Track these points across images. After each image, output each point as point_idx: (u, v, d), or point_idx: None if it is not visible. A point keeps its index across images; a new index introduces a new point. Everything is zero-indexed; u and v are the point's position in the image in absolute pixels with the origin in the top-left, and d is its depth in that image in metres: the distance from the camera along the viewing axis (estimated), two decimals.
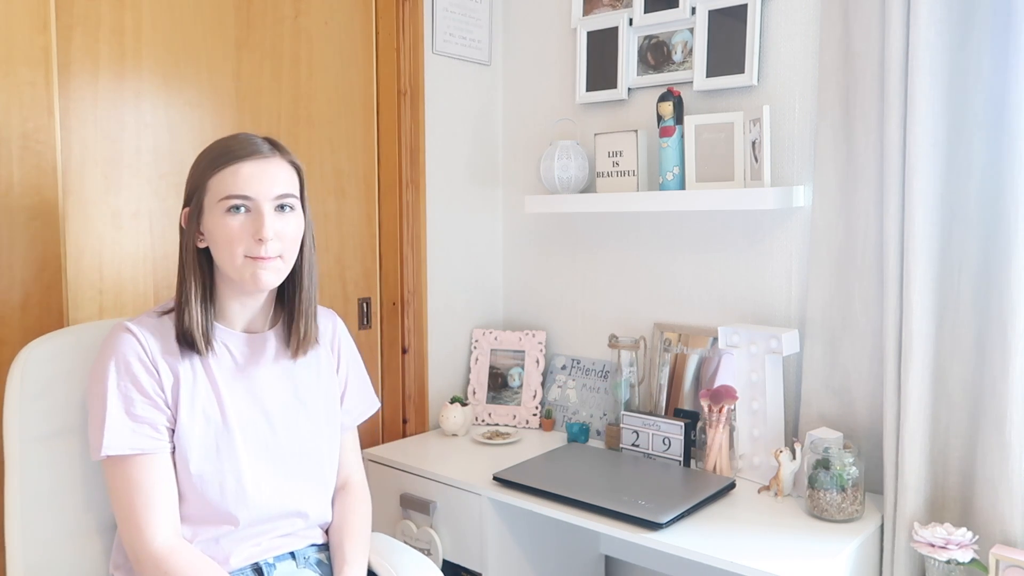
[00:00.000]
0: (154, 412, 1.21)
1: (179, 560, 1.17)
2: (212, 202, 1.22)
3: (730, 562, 1.34)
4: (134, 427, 1.19)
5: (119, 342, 1.22)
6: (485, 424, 2.15)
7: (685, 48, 1.90)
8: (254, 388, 1.30)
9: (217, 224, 1.21)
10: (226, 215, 1.21)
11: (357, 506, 1.42)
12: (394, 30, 2.04)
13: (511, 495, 1.64)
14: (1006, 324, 1.37)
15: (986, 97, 1.43)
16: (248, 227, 1.21)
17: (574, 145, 2.01)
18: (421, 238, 2.09)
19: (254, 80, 1.82)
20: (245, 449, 1.27)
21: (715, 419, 1.71)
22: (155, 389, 1.21)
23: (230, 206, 1.20)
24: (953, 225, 1.47)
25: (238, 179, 1.21)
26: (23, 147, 1.49)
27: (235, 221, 1.21)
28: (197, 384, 1.25)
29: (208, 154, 1.25)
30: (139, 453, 1.19)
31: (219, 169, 1.21)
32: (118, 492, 1.20)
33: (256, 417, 1.29)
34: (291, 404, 1.34)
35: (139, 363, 1.21)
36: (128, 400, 1.19)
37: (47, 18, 1.50)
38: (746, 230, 1.86)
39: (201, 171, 1.24)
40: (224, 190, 1.20)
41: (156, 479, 1.20)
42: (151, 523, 1.18)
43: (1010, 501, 1.38)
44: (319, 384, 1.39)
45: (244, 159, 1.22)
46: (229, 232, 1.21)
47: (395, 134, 2.06)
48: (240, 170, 1.21)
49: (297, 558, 1.35)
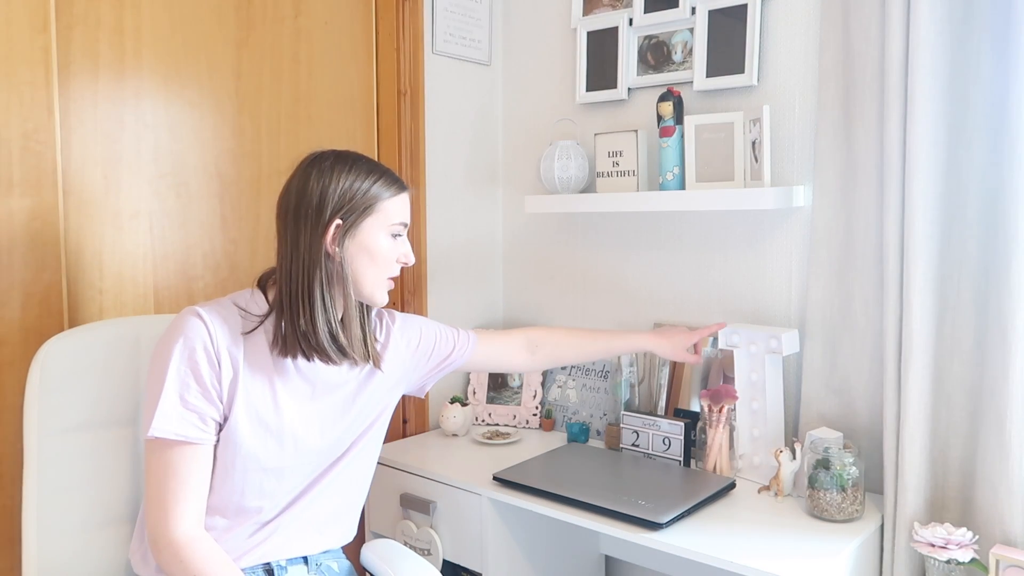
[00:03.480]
0: (205, 403, 1.21)
1: (197, 551, 1.18)
2: (382, 223, 1.28)
3: (730, 562, 1.34)
4: (183, 413, 1.19)
5: (188, 326, 1.22)
6: (485, 424, 2.15)
7: (685, 48, 1.90)
8: (315, 398, 1.31)
9: (381, 245, 1.29)
10: (391, 238, 1.30)
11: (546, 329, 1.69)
12: (394, 30, 2.04)
13: (511, 495, 1.64)
14: (1006, 324, 1.37)
15: (986, 97, 1.43)
16: (395, 251, 1.31)
17: (574, 145, 2.01)
18: (421, 238, 2.09)
19: (254, 80, 1.82)
20: (293, 457, 1.28)
21: (715, 419, 1.71)
22: (212, 381, 1.22)
23: (397, 232, 1.31)
24: (953, 225, 1.47)
25: (405, 208, 1.32)
26: (23, 147, 1.49)
27: (394, 245, 1.31)
28: (256, 384, 1.25)
29: (371, 175, 1.28)
30: (184, 440, 1.19)
31: (395, 195, 1.30)
32: (154, 474, 1.20)
33: (308, 425, 1.30)
34: (347, 415, 1.35)
35: (203, 351, 1.21)
36: (184, 385, 1.20)
37: (47, 18, 1.50)
38: (746, 230, 1.86)
39: (370, 191, 1.27)
40: (398, 216, 1.30)
41: (192, 469, 1.20)
42: (177, 510, 1.19)
43: (1010, 501, 1.38)
44: (377, 397, 1.41)
45: (407, 190, 1.34)
46: (390, 254, 1.30)
47: (395, 134, 2.06)
48: (406, 200, 1.33)
49: (310, 563, 1.35)
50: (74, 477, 1.32)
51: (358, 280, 1.28)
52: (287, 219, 1.26)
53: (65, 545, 1.31)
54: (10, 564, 1.47)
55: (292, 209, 1.26)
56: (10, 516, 1.47)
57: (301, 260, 1.25)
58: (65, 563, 1.31)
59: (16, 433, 1.47)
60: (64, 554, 1.31)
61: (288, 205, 1.26)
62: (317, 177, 1.25)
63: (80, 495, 1.33)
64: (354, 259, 1.27)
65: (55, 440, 1.30)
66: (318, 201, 1.24)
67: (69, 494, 1.32)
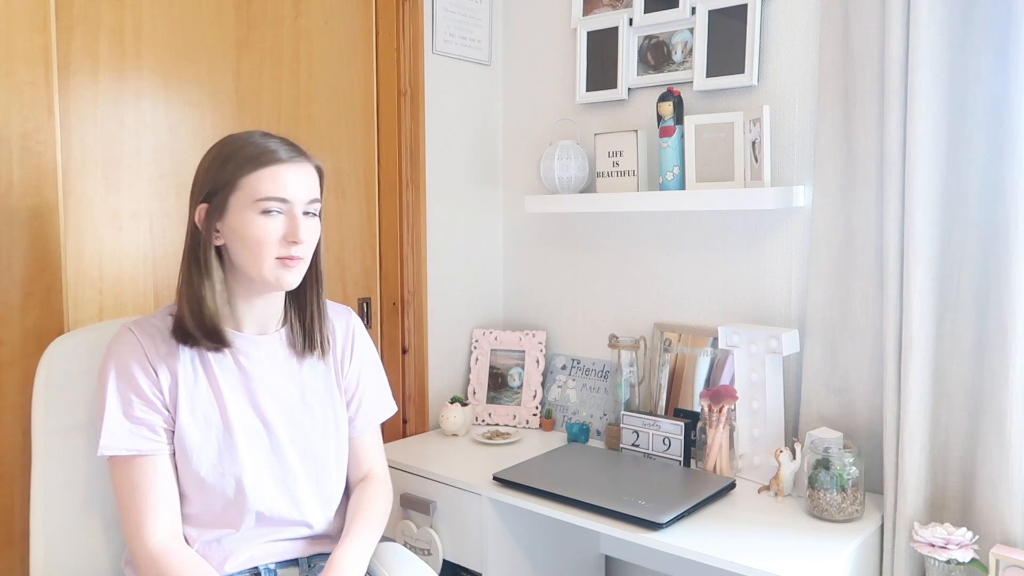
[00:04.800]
0: (152, 414, 1.21)
1: (172, 561, 1.17)
2: (245, 202, 1.20)
3: (730, 562, 1.34)
4: (132, 428, 1.20)
5: (119, 343, 1.23)
6: (485, 424, 2.15)
7: (685, 48, 1.90)
8: (258, 391, 1.30)
9: (249, 224, 1.20)
10: (260, 216, 1.20)
11: (374, 492, 1.40)
12: (394, 30, 2.04)
13: (511, 495, 1.64)
14: (1006, 324, 1.37)
15: (986, 97, 1.43)
16: (280, 229, 1.21)
17: (574, 145, 2.01)
18: (421, 238, 2.09)
19: (254, 80, 1.82)
20: (247, 452, 1.27)
21: (715, 419, 1.71)
22: (153, 391, 1.21)
23: (267, 208, 1.20)
24: (953, 225, 1.47)
25: (278, 182, 1.20)
26: (23, 147, 1.49)
27: (270, 223, 1.20)
28: (198, 386, 1.25)
29: (239, 152, 1.22)
30: (137, 454, 1.20)
31: (256, 169, 1.20)
32: (119, 491, 1.21)
33: (258, 420, 1.29)
34: (296, 408, 1.33)
35: (137, 364, 1.21)
36: (126, 401, 1.20)
37: (47, 18, 1.50)
38: (746, 230, 1.86)
39: (231, 168, 1.21)
40: (263, 191, 1.20)
41: (154, 480, 1.20)
42: (148, 523, 1.19)
43: (1010, 501, 1.38)
44: (328, 388, 1.38)
45: (284, 162, 1.21)
46: (263, 233, 1.20)
47: (395, 134, 2.06)
48: (280, 173, 1.21)
49: (301, 566, 1.34)
50: (77, 476, 1.33)
51: (241, 264, 1.23)
52: None
53: (70, 545, 1.32)
54: (9, 564, 1.47)
55: None
56: (10, 516, 1.47)
57: (185, 247, 1.25)
58: (71, 563, 1.32)
59: (15, 433, 1.47)
60: (69, 554, 1.32)
61: None
62: (200, 163, 1.26)
63: (83, 494, 1.34)
64: (230, 242, 1.23)
65: (59, 439, 1.32)
66: (194, 185, 1.25)
67: (72, 493, 1.33)
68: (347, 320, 1.43)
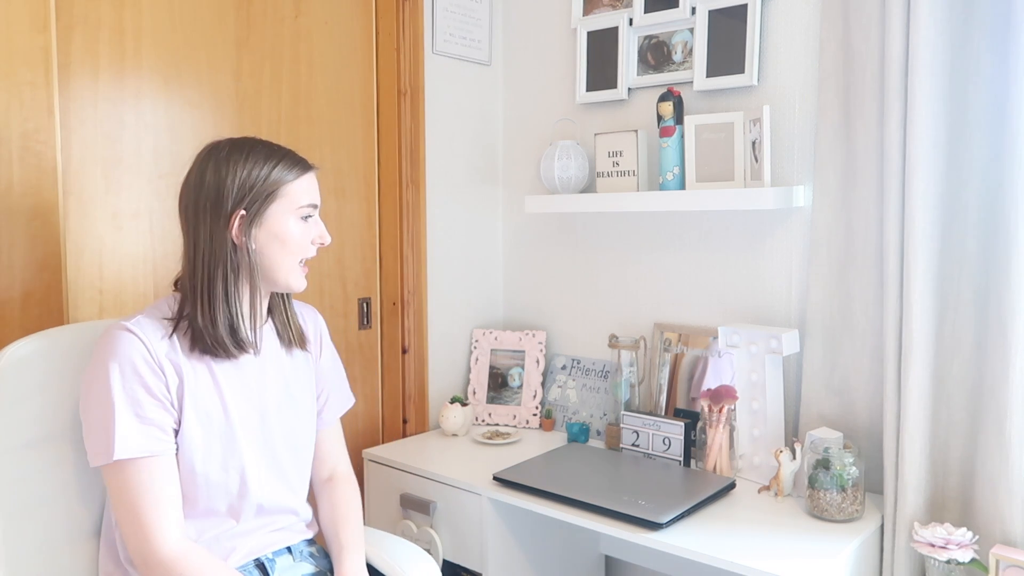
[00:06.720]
0: (162, 414, 1.20)
1: (191, 564, 1.16)
2: (289, 208, 1.26)
3: (730, 562, 1.34)
4: (144, 429, 1.18)
5: (120, 343, 1.19)
6: (485, 424, 2.15)
7: (685, 48, 1.90)
8: (252, 384, 1.31)
9: (290, 229, 1.26)
10: (300, 222, 1.27)
11: (349, 496, 1.45)
12: (394, 30, 2.04)
13: (511, 495, 1.64)
14: (1006, 324, 1.37)
15: (986, 97, 1.43)
16: (308, 234, 1.29)
17: (574, 145, 2.01)
18: (421, 238, 2.09)
19: (254, 80, 1.82)
20: (247, 446, 1.28)
21: (715, 419, 1.71)
22: (162, 391, 1.20)
23: (307, 214, 1.28)
24: (953, 225, 1.47)
25: (312, 189, 1.29)
26: (23, 147, 1.49)
27: (308, 228, 1.29)
28: (200, 384, 1.25)
29: (270, 160, 1.25)
30: (148, 455, 1.18)
31: (297, 177, 1.27)
32: (123, 496, 1.17)
33: (254, 413, 1.30)
34: (284, 400, 1.35)
35: (144, 364, 1.19)
36: (135, 402, 1.17)
37: (47, 18, 1.50)
38: (746, 230, 1.86)
39: (271, 176, 1.24)
40: (304, 198, 1.27)
41: (163, 481, 1.19)
42: (160, 526, 1.17)
43: (1010, 501, 1.38)
44: (308, 379, 1.41)
45: (312, 169, 1.30)
46: (300, 237, 1.27)
47: (395, 134, 2.06)
48: (312, 180, 1.30)
49: (293, 552, 1.36)
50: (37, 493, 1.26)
51: (272, 268, 1.26)
52: (187, 215, 1.24)
53: (33, 563, 1.25)
54: None
55: (192, 204, 1.23)
56: None
57: (202, 255, 1.23)
58: None
59: None
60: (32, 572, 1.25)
61: (188, 200, 1.24)
62: (214, 169, 1.23)
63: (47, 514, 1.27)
64: (265, 247, 1.25)
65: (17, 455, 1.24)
66: (216, 194, 1.22)
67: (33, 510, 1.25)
68: (315, 317, 1.48)
